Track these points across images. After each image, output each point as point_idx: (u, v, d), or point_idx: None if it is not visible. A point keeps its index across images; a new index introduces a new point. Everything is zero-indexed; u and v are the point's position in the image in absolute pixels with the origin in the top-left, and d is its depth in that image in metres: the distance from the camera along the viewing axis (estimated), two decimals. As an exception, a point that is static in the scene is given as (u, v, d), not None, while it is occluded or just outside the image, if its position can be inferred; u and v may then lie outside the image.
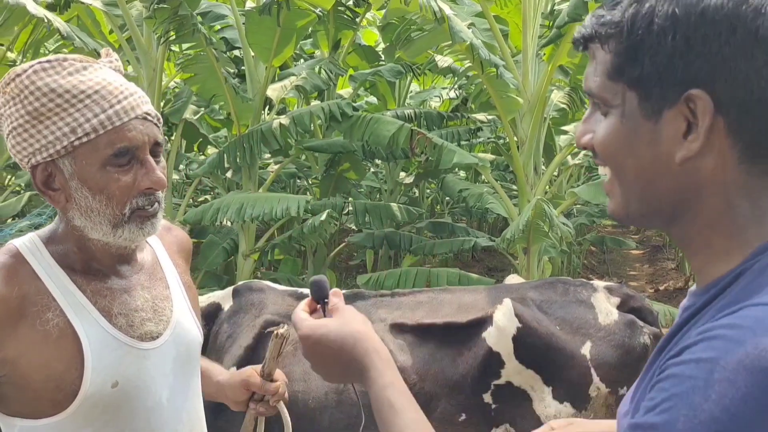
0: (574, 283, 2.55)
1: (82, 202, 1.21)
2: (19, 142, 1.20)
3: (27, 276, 1.23)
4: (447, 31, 4.89)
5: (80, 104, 1.18)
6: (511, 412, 2.33)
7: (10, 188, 7.90)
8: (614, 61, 0.75)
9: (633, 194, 0.79)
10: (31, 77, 1.18)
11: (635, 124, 0.75)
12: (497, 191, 6.06)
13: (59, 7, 5.79)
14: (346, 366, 1.01)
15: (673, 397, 0.64)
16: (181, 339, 1.38)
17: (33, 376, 1.20)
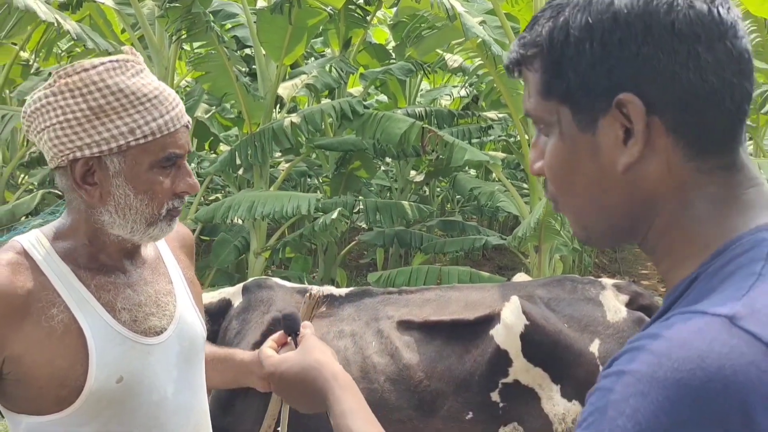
0: (583, 280, 2.54)
1: (122, 199, 1.24)
2: (67, 135, 1.20)
3: (31, 272, 1.23)
4: (458, 28, 4.88)
5: (141, 107, 1.22)
6: (519, 410, 2.32)
7: (24, 186, 7.97)
8: (542, 79, 0.74)
9: (587, 214, 0.76)
10: (102, 74, 1.20)
11: (574, 139, 0.73)
12: (508, 189, 6.03)
13: (71, 7, 5.84)
14: (312, 396, 1.04)
15: (595, 411, 0.62)
16: (185, 334, 1.39)
17: (37, 372, 1.21)
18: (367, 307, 2.55)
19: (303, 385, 1.04)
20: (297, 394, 1.06)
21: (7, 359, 1.20)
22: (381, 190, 9.51)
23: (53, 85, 1.22)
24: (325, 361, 1.06)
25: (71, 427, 1.25)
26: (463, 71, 6.16)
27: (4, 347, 1.19)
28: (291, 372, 1.06)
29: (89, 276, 1.28)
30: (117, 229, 1.26)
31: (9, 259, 1.23)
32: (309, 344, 1.10)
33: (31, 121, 1.26)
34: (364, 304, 2.57)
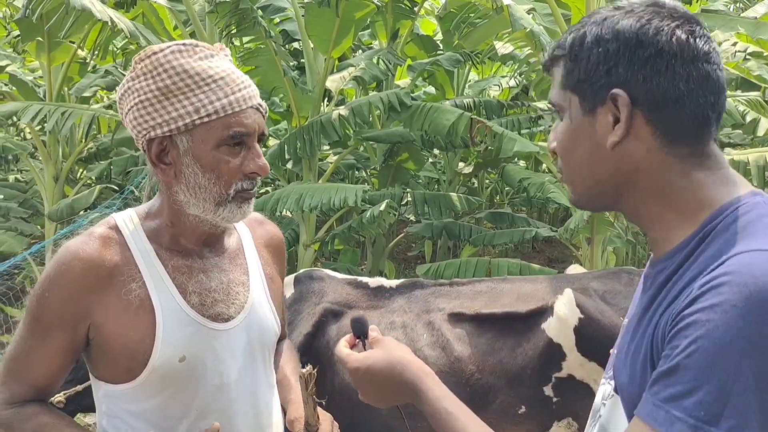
0: (639, 272, 2.47)
1: (191, 178, 1.29)
2: (142, 115, 1.28)
3: (119, 247, 1.32)
4: (507, 19, 4.81)
5: (206, 87, 1.27)
6: (574, 405, 2.28)
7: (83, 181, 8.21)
8: (563, 74, 0.97)
9: (580, 181, 0.98)
10: (168, 56, 1.27)
11: (578, 120, 0.95)
12: (559, 180, 5.92)
13: (126, 5, 5.97)
14: (397, 390, 1.12)
15: (697, 339, 0.76)
16: (255, 325, 1.42)
17: (113, 342, 1.29)
18: (417, 299, 2.54)
19: (390, 378, 1.11)
20: (382, 388, 1.12)
21: (91, 325, 1.30)
22: (429, 182, 9.46)
23: (133, 70, 1.30)
24: (410, 357, 1.13)
25: (138, 398, 1.33)
26: (513, 59, 6.07)
27: (89, 314, 1.29)
28: (377, 366, 1.12)
29: (169, 256, 1.35)
30: (192, 209, 1.32)
31: (101, 233, 1.33)
32: (389, 343, 1.17)
33: (120, 107, 1.34)
34: (414, 296, 2.56)
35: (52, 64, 6.80)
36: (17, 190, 10.04)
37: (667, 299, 0.85)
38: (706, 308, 0.77)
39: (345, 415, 2.45)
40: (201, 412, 1.34)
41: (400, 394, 1.11)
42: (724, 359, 0.74)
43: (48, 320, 1.29)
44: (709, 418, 0.73)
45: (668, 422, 0.76)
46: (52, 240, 6.15)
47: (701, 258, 0.85)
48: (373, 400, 1.15)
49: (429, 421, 1.07)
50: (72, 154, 7.37)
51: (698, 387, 0.75)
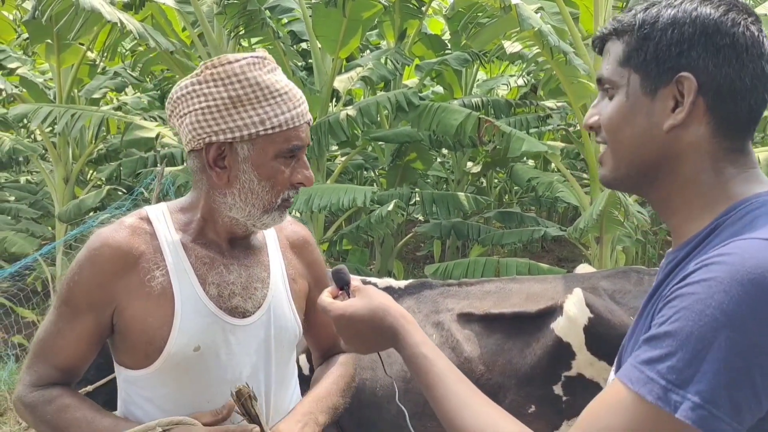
0: (649, 272, 2.46)
1: (246, 184, 1.35)
2: (207, 119, 1.32)
3: (148, 236, 1.39)
4: (515, 18, 4.80)
5: (272, 100, 1.33)
6: (584, 404, 2.26)
7: (93, 182, 8.26)
8: (625, 50, 0.97)
9: (624, 159, 0.98)
10: (243, 67, 1.32)
11: (636, 99, 0.96)
12: (568, 179, 5.91)
13: (134, 7, 6.00)
14: (379, 335, 1.14)
15: (681, 309, 0.81)
16: (273, 324, 1.45)
17: (132, 327, 1.34)
18: (426, 300, 2.54)
19: (371, 324, 1.14)
20: (363, 334, 1.15)
21: (116, 310, 1.35)
22: (437, 182, 9.46)
23: (200, 74, 1.33)
24: (391, 303, 1.16)
25: (153, 385, 1.37)
26: (521, 58, 6.05)
27: (114, 299, 1.34)
28: (359, 313, 1.14)
29: (193, 247, 1.40)
30: (235, 212, 1.37)
31: (132, 222, 1.39)
32: (371, 291, 1.19)
33: (175, 106, 1.37)
34: (423, 297, 2.56)
35: (61, 66, 6.84)
36: (28, 191, 10.11)
37: (671, 284, 0.88)
38: (695, 282, 0.82)
39: (352, 415, 2.45)
40: (212, 404, 1.37)
41: (381, 338, 1.14)
42: (701, 329, 0.78)
43: (76, 304, 1.35)
44: (680, 382, 0.78)
45: (641, 382, 0.81)
46: (63, 241, 6.19)
47: (707, 248, 0.88)
48: (357, 346, 1.19)
49: (407, 366, 1.10)
50: (82, 156, 7.41)
51: (673, 353, 0.79)
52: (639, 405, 0.80)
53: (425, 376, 1.06)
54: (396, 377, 2.39)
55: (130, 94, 9.94)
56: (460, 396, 1.02)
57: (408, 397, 2.36)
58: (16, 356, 5.57)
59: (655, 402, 0.79)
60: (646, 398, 0.80)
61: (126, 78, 7.52)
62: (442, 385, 1.04)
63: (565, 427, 2.29)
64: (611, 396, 0.85)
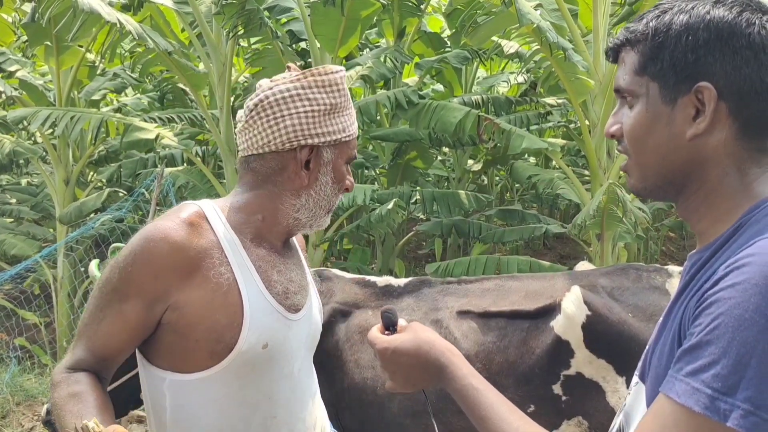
0: (648, 269, 2.45)
1: (323, 186, 1.44)
2: (308, 122, 1.39)
3: (208, 232, 1.37)
4: (514, 14, 4.78)
5: (349, 110, 1.46)
6: (584, 404, 2.26)
7: (93, 184, 8.26)
8: (640, 60, 0.96)
9: (650, 169, 0.97)
10: (343, 78, 1.43)
11: (656, 108, 0.95)
12: (569, 176, 5.89)
13: (133, 8, 5.99)
14: (424, 369, 1.13)
15: (719, 316, 0.79)
16: (312, 319, 1.52)
17: (199, 324, 1.33)
18: (426, 297, 2.54)
19: (416, 359, 1.13)
20: (408, 368, 1.14)
21: (170, 307, 1.33)
22: (438, 180, 9.45)
23: (301, 79, 1.39)
24: (436, 338, 1.15)
25: (216, 385, 1.36)
26: (519, 57, 6.03)
27: (170, 295, 1.32)
28: (404, 347, 1.14)
29: (252, 247, 1.42)
30: (302, 213, 1.44)
31: (189, 218, 1.38)
32: (416, 326, 1.19)
33: (272, 106, 1.39)
34: (423, 294, 2.55)
35: (61, 68, 6.83)
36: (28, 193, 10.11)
37: (696, 285, 0.88)
38: (728, 287, 0.80)
39: (355, 414, 2.45)
40: (272, 400, 1.41)
41: (427, 374, 1.13)
42: (742, 335, 0.77)
43: (127, 292, 1.33)
44: (726, 389, 0.77)
45: (687, 394, 0.80)
46: (64, 243, 6.19)
47: (732, 247, 0.88)
48: (402, 383, 1.17)
49: (456, 399, 1.08)
50: (82, 158, 7.41)
51: (716, 361, 0.78)
52: (688, 417, 0.79)
53: (477, 408, 1.05)
54: None
55: (130, 95, 9.93)
56: (513, 425, 1.01)
57: (410, 395, 2.35)
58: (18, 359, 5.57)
59: (703, 412, 0.78)
60: (693, 409, 0.78)
61: (125, 79, 7.52)
62: (496, 418, 1.03)
63: (564, 427, 2.28)
64: (659, 411, 0.83)
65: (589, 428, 2.26)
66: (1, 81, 7.01)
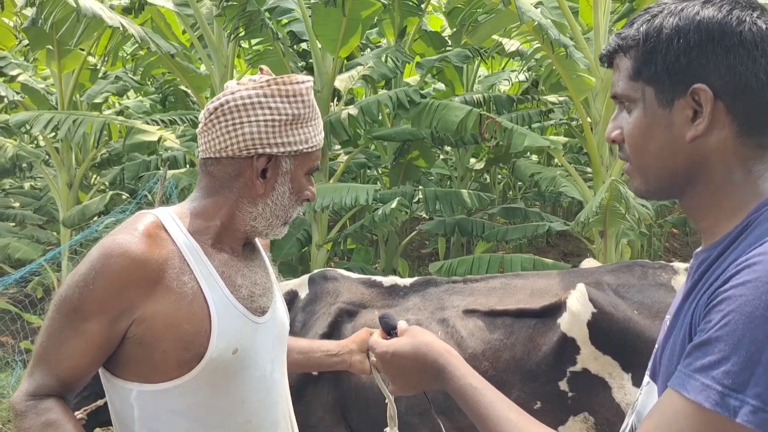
0: (653, 265, 2.45)
1: (280, 196, 1.42)
2: (267, 131, 1.37)
3: (167, 242, 1.35)
4: (514, 12, 4.79)
5: (314, 122, 1.44)
6: (590, 400, 2.27)
7: (96, 187, 8.28)
8: (634, 65, 0.96)
9: (652, 172, 0.97)
10: (308, 89, 1.42)
11: (653, 112, 0.95)
12: (571, 174, 5.90)
13: (134, 11, 6.01)
14: (423, 371, 1.15)
15: (730, 312, 0.79)
16: (278, 319, 1.51)
17: (165, 334, 1.30)
18: (432, 297, 2.54)
19: (415, 361, 1.15)
20: (407, 370, 1.16)
21: (135, 321, 1.30)
22: (441, 179, 9.45)
23: (265, 87, 1.38)
24: (433, 340, 1.17)
25: (187, 394, 1.33)
26: (520, 55, 6.04)
27: (134, 309, 1.29)
28: (403, 350, 1.16)
29: (214, 253, 1.40)
30: (257, 221, 1.43)
31: (148, 229, 1.34)
32: (415, 330, 1.21)
33: (231, 112, 1.38)
34: (428, 294, 2.56)
35: (63, 71, 6.85)
36: (32, 197, 10.14)
37: (706, 284, 0.87)
38: (739, 285, 0.81)
39: (362, 415, 2.46)
40: (246, 405, 1.40)
41: (426, 376, 1.15)
42: (753, 332, 0.77)
43: (88, 310, 1.28)
44: (737, 386, 0.77)
45: (697, 390, 0.80)
46: (68, 246, 6.21)
47: (741, 245, 0.88)
48: (403, 385, 1.19)
49: (456, 399, 1.09)
50: (85, 161, 7.43)
51: (727, 357, 0.78)
52: (697, 413, 0.79)
53: (476, 407, 1.06)
54: None
55: (132, 97, 9.95)
56: (512, 422, 1.02)
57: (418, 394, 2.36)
58: (23, 362, 5.59)
59: (713, 408, 0.78)
60: (703, 405, 0.79)
61: (127, 82, 7.54)
62: (494, 415, 1.04)
63: (570, 423, 2.29)
64: (668, 407, 0.84)
65: (595, 424, 2.27)
66: (3, 85, 7.03)
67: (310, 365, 1.81)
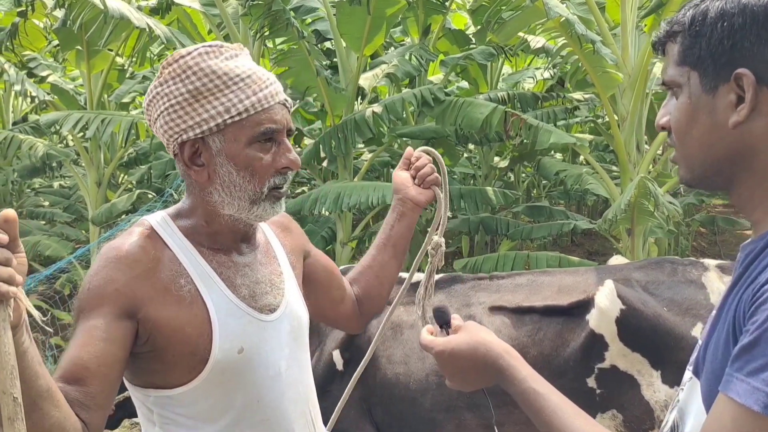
0: (683, 262, 2.43)
1: (226, 177, 1.31)
2: (173, 119, 1.29)
3: (159, 245, 1.32)
4: (540, 8, 4.76)
5: (235, 86, 1.28)
6: (618, 397, 2.25)
7: (124, 186, 8.40)
8: (680, 50, 0.95)
9: (696, 159, 0.96)
10: (195, 59, 1.28)
11: (698, 98, 0.93)
12: (597, 171, 5.84)
13: (161, 11, 6.08)
14: (482, 371, 1.11)
15: None
16: (294, 314, 1.45)
17: (172, 339, 1.28)
18: (458, 294, 2.54)
19: (473, 360, 1.11)
20: (466, 370, 1.13)
21: (141, 322, 1.26)
22: (465, 177, 9.42)
23: (160, 76, 1.31)
24: (493, 339, 1.13)
25: (198, 397, 1.32)
26: (546, 52, 6.00)
27: (139, 307, 1.25)
28: (460, 349, 1.12)
29: (210, 254, 1.36)
30: (227, 208, 1.33)
31: (140, 231, 1.33)
32: (472, 326, 1.17)
33: (149, 114, 1.35)
34: (454, 291, 2.56)
35: (91, 71, 6.96)
36: (61, 196, 10.31)
37: (751, 276, 0.86)
38: None
39: (387, 409, 2.46)
40: (260, 404, 1.37)
41: (485, 375, 1.12)
42: None
43: (90, 308, 1.24)
44: None
45: (747, 393, 0.78)
46: (96, 243, 6.30)
47: None
48: (460, 383, 1.16)
49: (517, 401, 1.07)
50: (113, 160, 7.54)
51: None
52: (748, 417, 0.78)
53: (540, 412, 1.03)
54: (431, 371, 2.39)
55: (159, 97, 10.05)
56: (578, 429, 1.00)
57: (443, 390, 2.36)
58: (54, 357, 5.69)
59: (763, 411, 0.76)
60: (753, 409, 0.77)
61: (154, 82, 7.61)
62: (559, 422, 1.01)
63: (599, 420, 2.27)
64: (720, 412, 0.82)
65: (624, 421, 2.25)
66: (34, 85, 7.16)
67: (390, 257, 1.76)
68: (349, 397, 2.55)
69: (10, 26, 6.50)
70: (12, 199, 9.60)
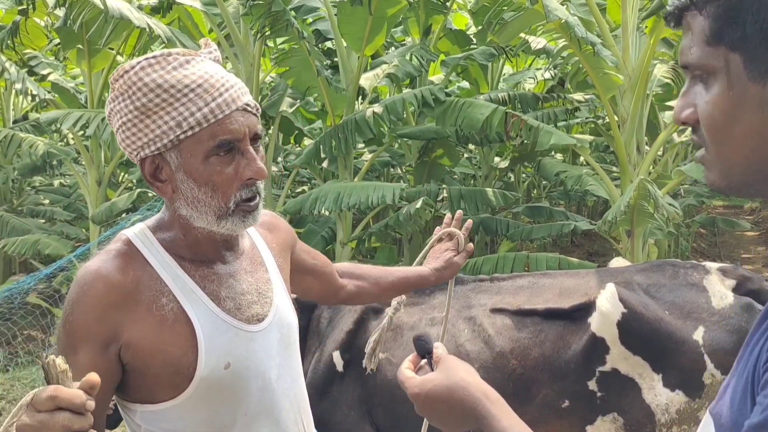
0: (685, 265, 2.42)
1: (188, 193, 1.24)
2: (128, 137, 1.24)
3: (140, 263, 1.27)
4: (541, 10, 4.76)
5: (184, 98, 1.20)
6: (619, 400, 2.25)
7: (124, 184, 8.39)
8: (713, 26, 0.73)
9: (737, 164, 0.75)
10: (138, 74, 1.21)
11: (742, 88, 0.72)
12: (597, 172, 5.85)
13: (162, 11, 6.07)
14: (461, 416, 1.02)
15: None
16: (283, 321, 1.40)
17: (153, 360, 1.24)
18: (458, 295, 2.54)
19: (450, 404, 1.01)
20: (444, 414, 1.03)
21: (123, 346, 1.24)
22: (465, 178, 9.43)
23: (112, 91, 1.26)
24: (472, 380, 1.03)
25: (184, 413, 1.29)
26: (546, 53, 6.00)
27: (119, 334, 1.23)
28: (436, 391, 1.02)
29: (193, 267, 1.31)
30: (198, 222, 1.27)
31: (119, 249, 1.28)
32: (450, 364, 1.07)
33: (112, 129, 1.31)
34: (455, 292, 2.56)
35: (92, 70, 6.96)
36: (62, 194, 10.30)
37: None
38: None
39: (387, 412, 2.46)
40: (249, 416, 1.33)
41: (465, 421, 1.03)
42: None
43: (75, 342, 1.21)
44: None
45: None
46: (97, 242, 6.30)
47: None
48: (442, 425, 1.06)
49: None
50: (113, 159, 7.53)
51: None
52: None
53: None
54: None
55: (159, 96, 10.04)
56: None
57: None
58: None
59: None
60: None
61: (155, 81, 7.60)
62: None
63: (599, 423, 2.27)
64: None
65: (625, 424, 2.25)
66: (35, 84, 7.15)
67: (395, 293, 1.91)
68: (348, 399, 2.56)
69: (11, 24, 6.49)
70: (12, 197, 9.60)
